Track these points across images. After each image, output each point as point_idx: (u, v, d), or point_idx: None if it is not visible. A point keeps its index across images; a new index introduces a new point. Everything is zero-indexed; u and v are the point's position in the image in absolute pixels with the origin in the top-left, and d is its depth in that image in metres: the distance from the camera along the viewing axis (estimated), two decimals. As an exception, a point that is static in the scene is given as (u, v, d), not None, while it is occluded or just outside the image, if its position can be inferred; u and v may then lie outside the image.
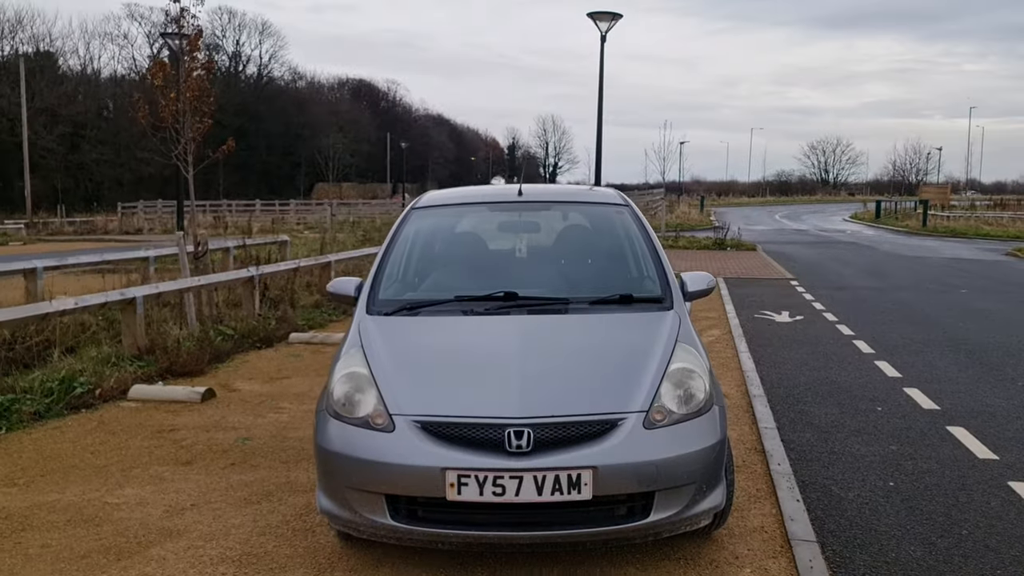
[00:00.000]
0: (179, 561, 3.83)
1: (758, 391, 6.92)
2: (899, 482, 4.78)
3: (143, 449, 5.54)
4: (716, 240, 24.10)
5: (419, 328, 4.11)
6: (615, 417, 3.47)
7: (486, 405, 3.48)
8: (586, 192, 5.34)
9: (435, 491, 3.36)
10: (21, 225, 39.54)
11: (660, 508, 3.46)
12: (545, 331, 4.00)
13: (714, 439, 3.61)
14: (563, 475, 3.33)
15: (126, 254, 13.60)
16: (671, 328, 3.98)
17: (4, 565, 3.80)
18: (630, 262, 4.63)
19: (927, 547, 3.91)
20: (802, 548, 3.87)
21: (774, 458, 5.16)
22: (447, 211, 5.08)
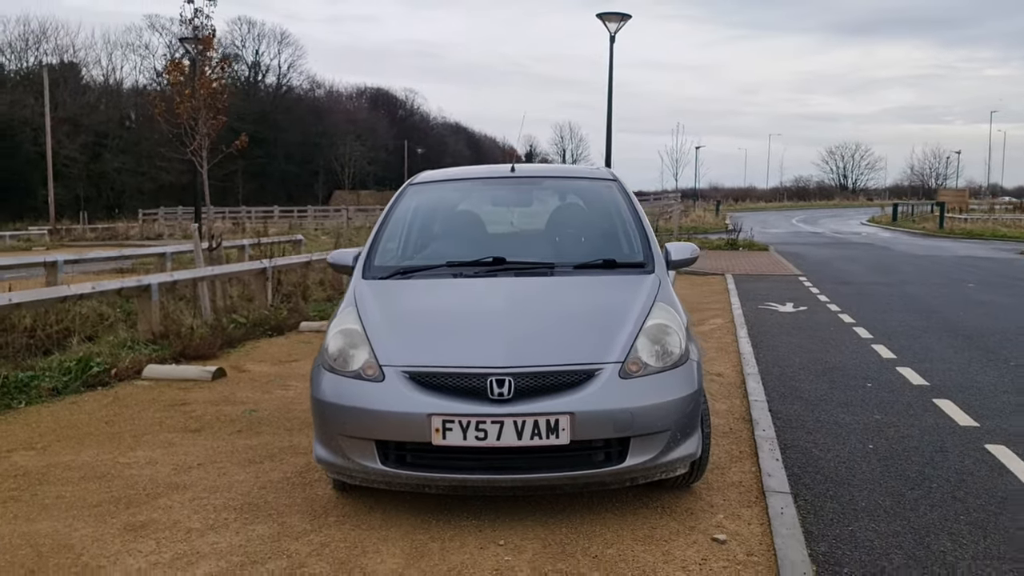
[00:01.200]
0: (184, 508, 4.06)
1: (752, 370, 7.08)
2: (878, 445, 4.94)
3: (155, 420, 5.79)
4: (728, 241, 24.20)
5: (410, 289, 4.33)
6: (592, 367, 3.67)
7: (470, 356, 3.70)
8: (577, 169, 5.55)
9: (421, 436, 3.58)
10: (44, 231, 40.25)
11: (635, 454, 3.65)
12: (529, 290, 4.22)
13: (688, 390, 3.80)
14: (542, 420, 3.53)
15: (144, 251, 13.93)
16: (651, 289, 4.18)
17: (21, 513, 4.04)
18: (616, 231, 4.83)
19: (895, 497, 4.07)
20: (775, 498, 4.04)
21: (760, 425, 5.33)
22: (442, 186, 5.30)
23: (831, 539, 3.59)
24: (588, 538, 3.62)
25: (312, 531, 3.75)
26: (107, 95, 70.46)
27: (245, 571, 3.34)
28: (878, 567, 3.32)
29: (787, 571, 3.24)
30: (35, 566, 3.43)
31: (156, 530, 3.80)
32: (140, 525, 3.86)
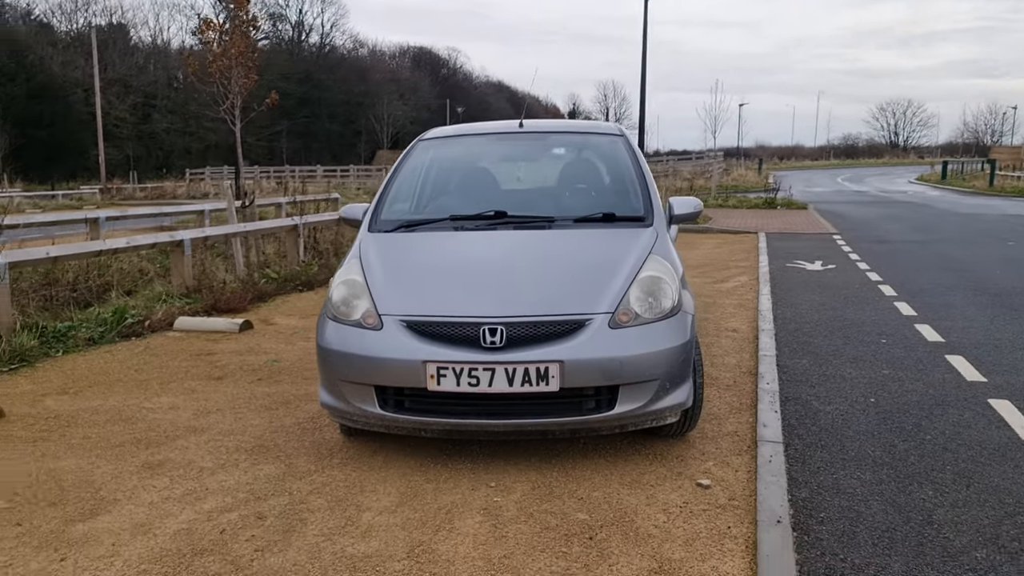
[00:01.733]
0: (199, 449, 4.29)
1: (768, 326, 7.11)
2: (880, 399, 4.98)
3: (181, 368, 6.04)
4: (767, 200, 23.88)
5: (412, 242, 4.46)
6: (583, 317, 3.77)
7: (464, 306, 3.82)
8: (584, 124, 5.59)
9: (417, 382, 3.73)
10: (96, 191, 41.23)
11: (624, 402, 3.76)
12: (527, 243, 4.32)
13: (679, 341, 3.88)
14: (532, 368, 3.65)
15: (184, 208, 14.28)
16: (647, 242, 4.25)
17: (49, 451, 4.31)
18: (617, 186, 4.89)
19: (887, 448, 4.13)
20: (766, 447, 4.13)
21: (764, 379, 5.39)
22: (451, 142, 5.40)
23: (814, 486, 3.68)
24: (576, 481, 3.75)
25: (316, 472, 3.95)
26: (155, 56, 71.37)
27: (248, 506, 3.55)
28: (855, 512, 3.40)
29: (764, 515, 3.34)
30: (57, 499, 3.67)
31: (171, 468, 4.02)
32: (157, 464, 4.09)
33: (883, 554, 3.05)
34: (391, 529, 3.30)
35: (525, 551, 3.10)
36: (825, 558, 3.02)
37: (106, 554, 3.14)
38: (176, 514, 3.49)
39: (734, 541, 3.17)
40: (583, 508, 3.47)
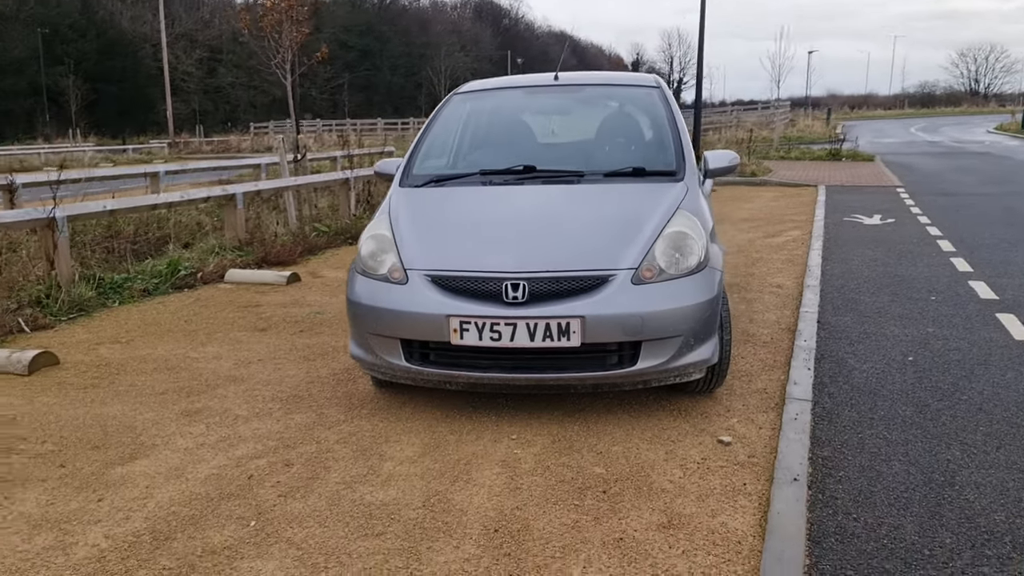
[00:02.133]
0: (236, 398, 4.44)
1: (814, 282, 6.98)
2: (919, 357, 4.87)
3: (228, 319, 6.23)
4: (831, 151, 23.19)
5: (441, 197, 4.49)
6: (605, 273, 3.76)
7: (487, 260, 3.85)
8: (620, 76, 5.50)
9: (441, 336, 3.78)
10: (164, 145, 42.24)
11: (647, 357, 3.76)
12: (553, 198, 4.30)
13: (704, 297, 3.85)
14: (553, 323, 3.67)
15: (242, 162, 14.55)
16: (676, 197, 4.20)
17: (97, 398, 4.51)
18: (650, 139, 4.82)
19: (919, 408, 4.05)
20: (794, 405, 4.09)
21: (802, 335, 5.32)
22: (485, 95, 5.38)
23: (837, 445, 3.64)
24: (597, 436, 3.79)
25: (345, 421, 4.06)
26: (220, 10, 72.15)
27: (276, 454, 3.68)
28: (875, 472, 3.36)
29: (781, 473, 3.33)
30: (100, 443, 3.86)
31: (208, 416, 4.18)
32: (195, 411, 4.25)
33: (898, 514, 3.01)
34: (410, 479, 3.39)
35: (538, 503, 3.16)
36: (837, 517, 3.00)
37: (140, 496, 3.30)
38: (208, 460, 3.64)
39: (748, 498, 3.17)
40: (600, 462, 3.51)
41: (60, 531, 3.03)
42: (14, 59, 53.33)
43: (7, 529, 3.06)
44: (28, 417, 4.22)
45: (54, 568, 2.78)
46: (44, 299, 6.51)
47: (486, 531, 2.95)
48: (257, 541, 2.92)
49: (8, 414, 4.27)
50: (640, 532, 2.92)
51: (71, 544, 2.94)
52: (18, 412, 4.29)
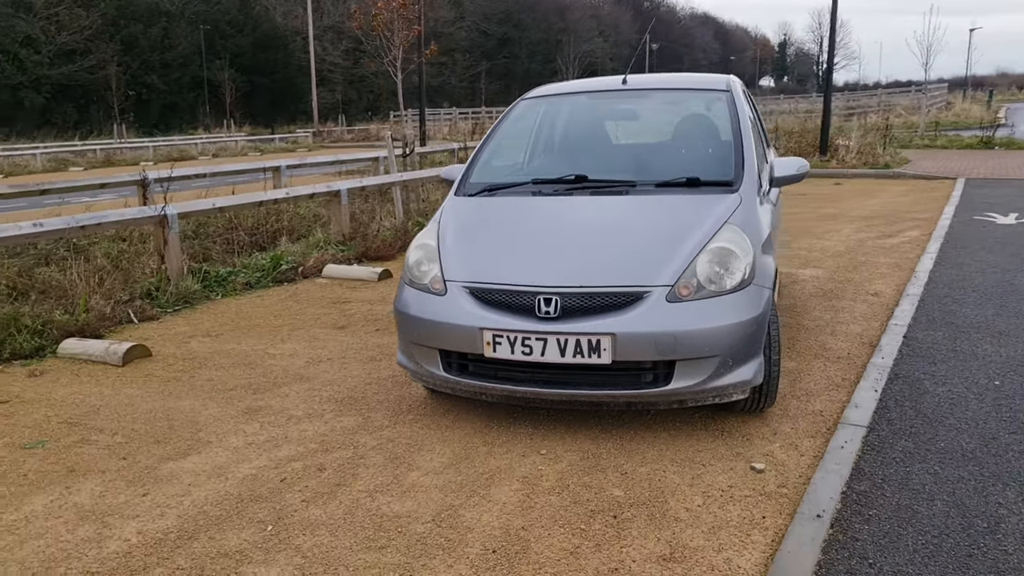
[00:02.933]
0: (296, 397, 4.64)
1: (916, 291, 6.55)
2: (1008, 382, 4.50)
3: (314, 316, 6.50)
4: (983, 139, 21.55)
5: (490, 207, 4.51)
6: (640, 290, 3.69)
7: (522, 274, 3.85)
8: (691, 79, 5.33)
9: (475, 348, 3.82)
10: (308, 134, 44.26)
11: (681, 377, 3.67)
12: (597, 210, 4.24)
13: (745, 316, 3.71)
14: (584, 340, 3.64)
15: (360, 156, 15.05)
16: (726, 209, 4.05)
17: (175, 391, 4.82)
18: (710, 147, 4.66)
19: (985, 441, 3.75)
20: (846, 431, 3.88)
21: (882, 352, 5.02)
22: (551, 100, 5.34)
23: (879, 479, 3.43)
24: (627, 455, 3.73)
25: (387, 427, 4.17)
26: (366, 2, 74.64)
27: (315, 457, 3.82)
28: (911, 512, 3.15)
29: (807, 507, 3.18)
30: (163, 437, 4.13)
31: (266, 415, 4.39)
32: (256, 409, 4.48)
33: (921, 562, 2.82)
34: (429, 491, 3.45)
35: (545, 524, 3.15)
36: (851, 561, 2.83)
37: (179, 493, 3.52)
38: (252, 459, 3.83)
39: (763, 533, 3.04)
40: (622, 484, 3.45)
41: (102, 524, 3.28)
42: (179, 55, 57.11)
43: (58, 519, 3.34)
44: (110, 408, 4.56)
45: (85, 561, 3.02)
46: (154, 292, 7.01)
47: (484, 551, 2.98)
48: (268, 547, 3.06)
49: (95, 404, 4.64)
50: (638, 563, 2.87)
51: (107, 538, 3.17)
52: (104, 403, 4.65)
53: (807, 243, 8.90)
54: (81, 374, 5.20)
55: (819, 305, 6.25)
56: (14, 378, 5.16)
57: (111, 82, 50.98)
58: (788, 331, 5.59)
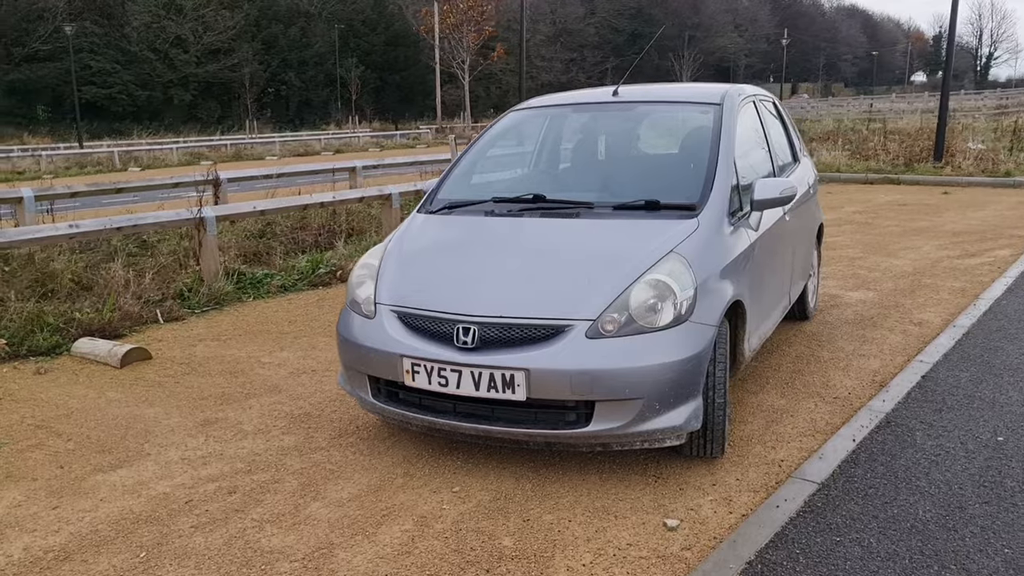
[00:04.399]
0: (257, 411, 4.62)
1: (967, 321, 5.90)
2: (1013, 439, 3.94)
3: (328, 322, 6.50)
4: None
5: (439, 226, 4.33)
6: (561, 323, 3.44)
7: (445, 300, 3.66)
8: (683, 91, 4.94)
9: (396, 375, 3.67)
10: (430, 130, 45.11)
11: (601, 419, 3.40)
12: (540, 234, 3.99)
13: (676, 356, 3.40)
14: (497, 374, 3.42)
15: (438, 157, 15.10)
16: (675, 237, 3.72)
17: (151, 396, 4.91)
18: (682, 167, 4.31)
19: (947, 512, 3.27)
20: (793, 487, 3.49)
21: (888, 393, 4.53)
22: (536, 113, 5.09)
23: (799, 548, 3.04)
24: (542, 499, 3.48)
25: (322, 448, 4.08)
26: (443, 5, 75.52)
27: (233, 479, 3.77)
28: (814, 593, 2.78)
29: (699, 576, 2.86)
30: (111, 446, 4.19)
31: (218, 428, 4.39)
32: (212, 422, 4.49)
33: (793, 658, 2.46)
34: (320, 525, 3.33)
35: (412, 573, 2.97)
36: (711, 649, 2.51)
37: (88, 508, 3.54)
38: (176, 476, 3.82)
39: (636, 604, 2.75)
40: (518, 532, 3.22)
41: None
42: (315, 53, 59.52)
43: (-35, 527, 3.42)
44: (83, 412, 4.68)
45: (-42, 574, 3.07)
46: (187, 293, 7.21)
47: (331, 599, 2.83)
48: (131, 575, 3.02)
49: (73, 407, 4.78)
50: (480, 628, 2.65)
51: (-7, 551, 3.22)
52: (82, 406, 4.78)
53: (874, 261, 8.23)
54: (80, 374, 5.39)
55: (848, 334, 5.73)
56: (19, 375, 5.39)
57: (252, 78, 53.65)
58: (798, 363, 5.14)
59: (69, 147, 36.48)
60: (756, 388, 4.73)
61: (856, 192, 14.36)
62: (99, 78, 50.30)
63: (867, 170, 15.90)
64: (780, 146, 5.40)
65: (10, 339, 5.92)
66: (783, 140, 5.58)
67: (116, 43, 51.15)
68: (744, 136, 4.63)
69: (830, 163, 16.85)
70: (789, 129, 5.76)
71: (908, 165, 16.05)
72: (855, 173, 15.83)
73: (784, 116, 5.75)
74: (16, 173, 28.50)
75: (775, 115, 5.59)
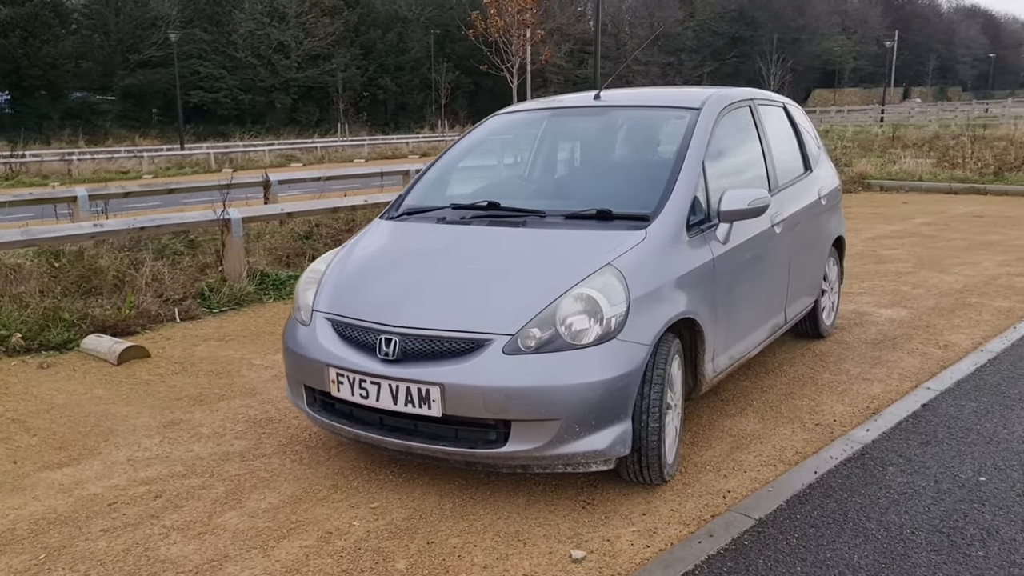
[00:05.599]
0: (223, 413, 4.61)
1: (999, 346, 5.41)
2: (996, 480, 3.54)
3: (332, 326, 6.48)
4: None
5: (391, 232, 4.21)
6: (480, 337, 3.28)
7: (372, 310, 3.56)
8: (666, 95, 4.65)
9: (323, 385, 3.58)
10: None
11: (517, 440, 3.23)
12: (481, 243, 3.82)
13: (596, 376, 3.19)
14: (414, 388, 3.30)
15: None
16: (616, 248, 3.50)
17: (131, 395, 4.97)
18: (643, 175, 4.06)
19: (885, 561, 2.93)
20: (728, 521, 3.22)
21: (877, 421, 4.17)
22: (516, 117, 4.91)
23: (706, 592, 2.79)
24: (456, 520, 3.32)
25: (266, 456, 4.03)
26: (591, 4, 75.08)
27: (165, 482, 3.75)
28: (699, 644, 2.53)
29: (581, 616, 2.65)
30: (70, 443, 4.24)
31: (178, 430, 4.40)
32: (175, 423, 4.50)
33: None
34: (224, 536, 3.26)
35: (291, 593, 2.86)
36: None
37: (16, 506, 3.58)
38: (114, 477, 3.83)
39: (504, 642, 2.57)
40: (417, 556, 3.07)
41: (-77, 529, 3.41)
42: (411, 58, 60.59)
43: (-102, 518, 3.50)
44: (62, 408, 4.78)
45: None
46: (208, 293, 7.34)
47: (197, 615, 2.75)
48: (19, 576, 3.02)
49: (56, 403, 4.88)
50: (330, 657, 2.52)
51: (-90, 544, 3.28)
52: (64, 402, 4.88)
53: (922, 277, 7.68)
54: (79, 371, 5.52)
55: (861, 355, 5.33)
56: (24, 369, 5.56)
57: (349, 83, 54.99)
58: (792, 385, 4.80)
59: (171, 148, 38.17)
60: (735, 411, 4.44)
61: (934, 202, 13.54)
62: (206, 83, 52.56)
63: (951, 179, 14.97)
64: (785, 154, 5.07)
65: (26, 333, 6.13)
66: (791, 147, 5.24)
67: (223, 49, 53.35)
68: (727, 143, 4.36)
69: (912, 171, 15.96)
70: (803, 136, 5.41)
71: (998, 174, 15.02)
72: (938, 182, 14.93)
73: (797, 122, 5.40)
74: (121, 172, 30.03)
75: (784, 121, 5.26)
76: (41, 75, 47.51)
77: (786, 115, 5.34)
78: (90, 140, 43.43)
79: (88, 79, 51.85)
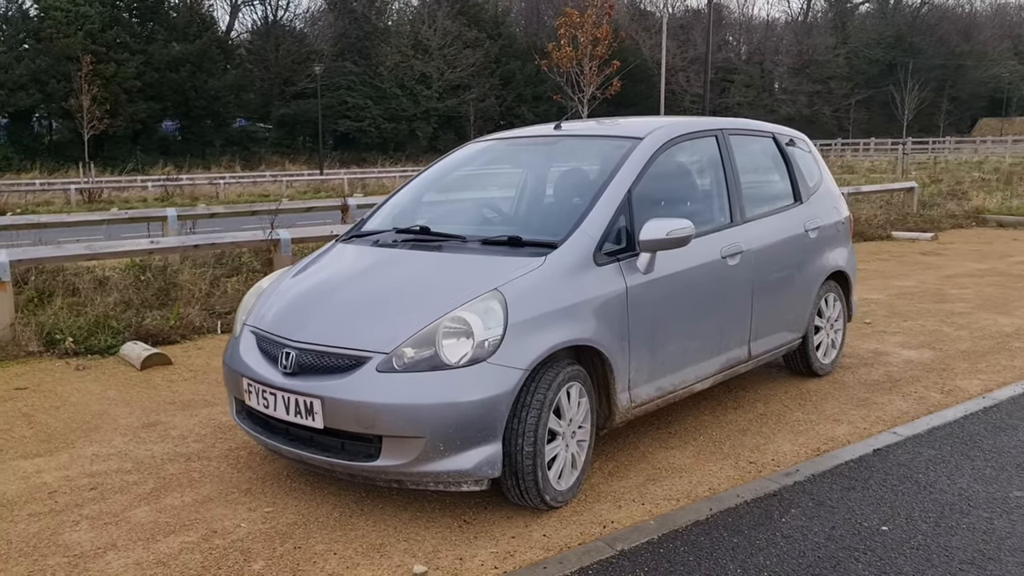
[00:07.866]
0: (201, 419, 4.92)
1: (1009, 393, 5.00)
2: (902, 529, 3.31)
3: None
4: None
5: (333, 253, 4.40)
6: (359, 355, 3.43)
7: (282, 324, 3.77)
8: (618, 126, 4.61)
9: (240, 394, 3.83)
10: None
11: (387, 455, 3.35)
12: (396, 266, 3.97)
13: (461, 397, 3.27)
14: (301, 400, 3.48)
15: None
16: (509, 274, 3.56)
17: (136, 397, 5.39)
18: (568, 203, 4.09)
19: (724, 601, 2.85)
20: (589, 550, 3.18)
21: (816, 463, 3.99)
22: (483, 146, 5.02)
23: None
24: (333, 529, 3.46)
25: (209, 459, 4.29)
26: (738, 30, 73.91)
27: (108, 477, 4.07)
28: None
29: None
30: (54, 436, 4.66)
31: (151, 431, 4.75)
32: (152, 424, 4.86)
33: None
34: (124, 527, 3.52)
35: (146, 582, 3.08)
36: None
37: (-25, 489, 4.00)
38: (70, 468, 4.20)
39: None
40: (279, 559, 3.22)
41: None
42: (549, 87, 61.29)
43: None
44: (71, 406, 5.25)
45: None
46: (253, 307, 7.81)
47: (54, 595, 3.00)
48: (-64, 549, 3.39)
49: (70, 401, 5.37)
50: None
51: None
52: (78, 400, 5.36)
53: (974, 319, 7.15)
54: (107, 373, 6.03)
55: (849, 396, 5.07)
56: (62, 369, 6.13)
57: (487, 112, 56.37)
58: (754, 422, 4.64)
59: (311, 174, 40.34)
60: (676, 444, 4.34)
61: (1053, 240, 12.50)
62: (353, 112, 55.29)
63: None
64: (762, 185, 4.95)
65: (77, 338, 6.75)
66: (775, 179, 5.10)
67: (370, 81, 56.04)
68: (674, 173, 4.33)
69: (1037, 207, 14.78)
70: (793, 168, 5.24)
71: None
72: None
73: (786, 154, 5.24)
74: (263, 196, 32.06)
75: (770, 152, 5.14)
76: (206, 105, 51.48)
77: (776, 146, 5.20)
78: (245, 165, 46.65)
79: (248, 109, 55.71)
